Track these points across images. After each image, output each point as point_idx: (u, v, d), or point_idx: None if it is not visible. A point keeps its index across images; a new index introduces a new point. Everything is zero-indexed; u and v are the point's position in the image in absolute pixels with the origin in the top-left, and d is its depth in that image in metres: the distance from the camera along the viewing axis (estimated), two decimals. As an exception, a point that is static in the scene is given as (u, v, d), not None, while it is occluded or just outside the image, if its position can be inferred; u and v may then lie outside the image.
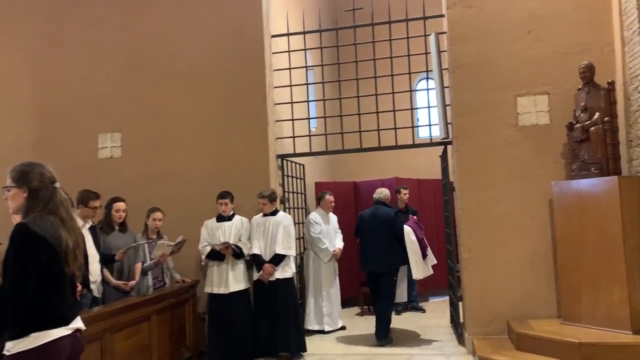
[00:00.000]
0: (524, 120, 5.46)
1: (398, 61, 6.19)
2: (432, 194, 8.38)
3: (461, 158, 5.57)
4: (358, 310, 7.70)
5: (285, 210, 6.19)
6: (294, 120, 6.36)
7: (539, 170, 5.36)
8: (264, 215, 5.66)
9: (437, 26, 6.09)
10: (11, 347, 2.26)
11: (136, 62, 6.28)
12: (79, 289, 2.66)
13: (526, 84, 5.46)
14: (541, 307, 5.26)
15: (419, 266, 5.93)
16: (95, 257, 4.67)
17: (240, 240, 5.57)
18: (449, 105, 5.73)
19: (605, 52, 5.28)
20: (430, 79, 6.57)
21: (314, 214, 6.73)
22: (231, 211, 5.63)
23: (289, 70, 6.35)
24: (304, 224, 6.82)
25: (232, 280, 5.47)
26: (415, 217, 6.53)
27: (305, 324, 6.50)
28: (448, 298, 6.73)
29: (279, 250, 5.50)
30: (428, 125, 6.26)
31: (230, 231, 5.56)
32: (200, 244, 5.57)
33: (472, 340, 5.30)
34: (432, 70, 5.89)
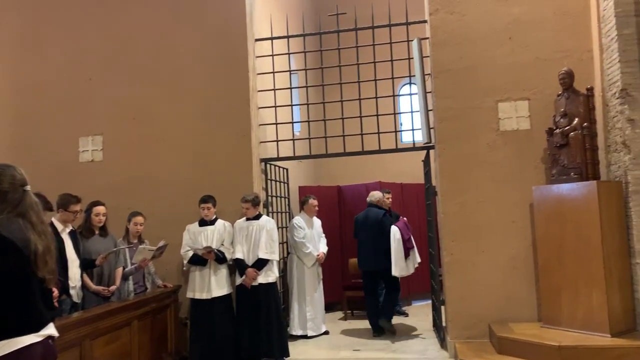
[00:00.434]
0: (505, 126, 5.52)
1: (381, 66, 6.23)
2: (415, 198, 8.43)
3: (443, 162, 5.61)
4: (341, 314, 7.70)
5: (268, 215, 6.17)
6: (277, 124, 6.36)
7: (519, 175, 5.42)
8: (247, 219, 5.63)
9: (420, 32, 6.14)
10: None
11: (118, 65, 6.23)
12: (55, 294, 2.60)
13: (507, 89, 5.52)
14: (522, 311, 5.31)
15: (398, 265, 6.25)
16: (75, 262, 4.62)
17: (222, 245, 5.54)
18: (431, 110, 5.77)
19: (584, 59, 5.37)
20: (413, 84, 6.61)
21: (297, 218, 6.72)
22: (214, 215, 5.60)
23: (273, 74, 6.34)
24: (288, 229, 6.80)
25: (215, 285, 5.44)
26: (405, 219, 6.70)
27: (289, 329, 6.49)
28: (430, 302, 6.76)
29: (262, 255, 5.48)
30: (411, 130, 6.30)
31: (212, 236, 5.53)
32: (182, 249, 5.53)
33: (454, 344, 5.32)
34: (415, 76, 5.94)
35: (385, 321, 6.52)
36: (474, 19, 5.61)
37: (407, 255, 6.31)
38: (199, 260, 5.43)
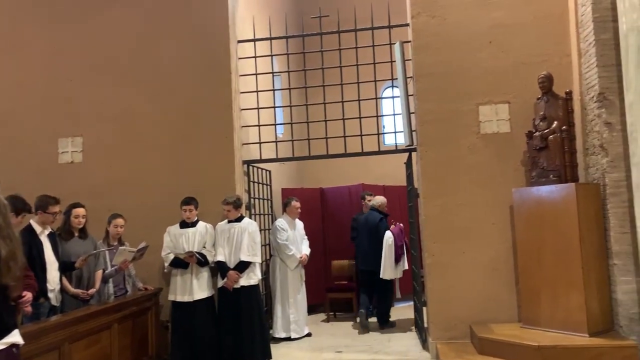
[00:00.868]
0: (485, 129, 5.58)
1: (364, 69, 6.25)
2: (398, 200, 8.47)
3: (425, 165, 5.65)
4: (324, 316, 7.70)
5: (251, 217, 6.16)
6: (260, 126, 6.34)
7: (499, 177, 5.47)
8: (229, 221, 5.61)
9: (402, 35, 6.18)
10: None
11: (99, 66, 6.16)
12: (28, 298, 2.51)
13: (488, 93, 5.58)
14: (502, 312, 5.36)
15: (387, 268, 6.74)
16: (54, 265, 4.55)
17: (204, 247, 5.51)
18: (413, 113, 5.81)
19: (563, 63, 5.45)
20: (395, 87, 6.65)
21: (280, 221, 6.71)
22: (195, 217, 5.57)
23: (255, 75, 6.33)
24: (270, 231, 6.78)
25: (197, 287, 5.41)
26: (401, 225, 7.03)
27: (273, 332, 6.48)
28: (412, 303, 6.80)
29: (244, 257, 5.46)
30: (393, 132, 6.33)
31: (194, 238, 5.49)
32: (163, 251, 5.48)
33: (436, 345, 5.36)
34: (397, 79, 5.97)
35: (382, 327, 6.95)
36: (455, 23, 5.66)
37: (398, 260, 6.77)
38: (180, 263, 5.40)
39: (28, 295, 3.94)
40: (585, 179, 5.15)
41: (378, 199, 7.29)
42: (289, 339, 6.48)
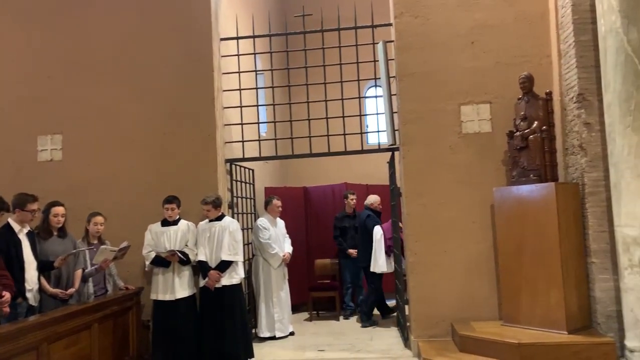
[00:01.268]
0: (467, 128, 5.63)
1: (347, 68, 6.26)
2: (381, 199, 8.48)
3: (407, 164, 5.68)
4: (307, 315, 7.70)
5: (233, 216, 6.13)
6: (243, 124, 6.32)
7: (481, 177, 5.52)
8: (210, 220, 5.57)
9: (386, 35, 6.20)
10: None
11: (79, 63, 6.08)
12: (6, 298, 2.47)
13: (469, 93, 5.63)
14: (483, 310, 5.41)
15: (378, 261, 6.94)
16: (33, 264, 4.50)
17: (186, 245, 5.47)
18: (396, 112, 5.83)
19: (543, 64, 5.52)
20: (378, 87, 6.67)
21: (262, 220, 6.69)
22: (177, 216, 5.53)
23: (239, 73, 6.30)
24: (253, 230, 6.76)
25: (179, 286, 5.38)
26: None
27: (257, 331, 6.46)
28: (395, 302, 6.84)
29: (225, 257, 5.43)
30: (376, 131, 6.35)
31: (175, 236, 5.46)
32: (145, 250, 5.43)
33: (418, 343, 5.39)
34: (380, 78, 5.99)
35: (363, 322, 7.05)
36: (438, 24, 5.70)
37: (389, 253, 6.91)
38: (161, 261, 5.36)
39: (7, 295, 3.89)
40: (565, 179, 5.22)
41: (370, 198, 7.44)
42: (273, 338, 6.46)
